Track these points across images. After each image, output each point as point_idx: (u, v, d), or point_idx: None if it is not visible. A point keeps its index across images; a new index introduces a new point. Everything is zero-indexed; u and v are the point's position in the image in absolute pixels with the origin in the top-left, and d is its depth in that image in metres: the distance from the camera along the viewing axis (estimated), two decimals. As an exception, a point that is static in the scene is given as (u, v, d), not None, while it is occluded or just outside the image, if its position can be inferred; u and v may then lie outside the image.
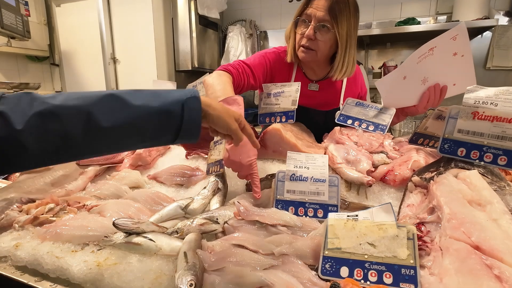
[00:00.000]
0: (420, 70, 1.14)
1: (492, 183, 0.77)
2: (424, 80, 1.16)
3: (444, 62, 1.10)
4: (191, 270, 0.62)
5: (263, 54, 1.45)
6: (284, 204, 0.91)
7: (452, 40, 1.04)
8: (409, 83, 1.18)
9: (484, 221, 0.65)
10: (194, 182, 1.16)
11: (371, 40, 3.17)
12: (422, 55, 1.10)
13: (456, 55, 1.08)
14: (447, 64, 1.10)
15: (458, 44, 1.05)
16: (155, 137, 0.65)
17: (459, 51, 1.07)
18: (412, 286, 0.60)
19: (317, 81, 1.48)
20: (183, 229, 0.80)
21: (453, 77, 1.14)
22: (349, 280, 0.62)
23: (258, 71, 1.38)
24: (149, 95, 0.63)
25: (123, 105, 0.60)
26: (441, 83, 1.17)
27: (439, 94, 1.17)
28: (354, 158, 1.06)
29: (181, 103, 0.64)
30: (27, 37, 2.78)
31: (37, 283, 0.72)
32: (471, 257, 0.58)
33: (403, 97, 1.23)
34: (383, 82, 1.24)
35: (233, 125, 0.75)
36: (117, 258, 0.73)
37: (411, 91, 1.20)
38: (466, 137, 0.83)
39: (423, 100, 1.19)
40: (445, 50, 1.07)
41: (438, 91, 1.17)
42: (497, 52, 2.92)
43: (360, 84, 1.60)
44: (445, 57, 1.08)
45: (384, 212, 0.72)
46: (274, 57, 1.45)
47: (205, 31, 3.43)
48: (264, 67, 1.42)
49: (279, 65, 1.46)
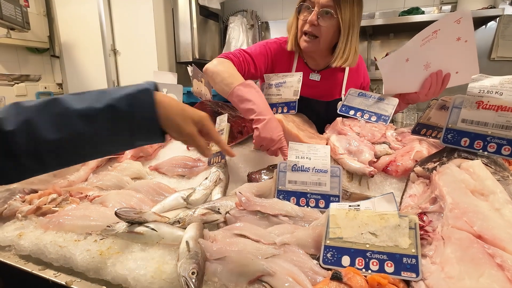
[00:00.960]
0: (423, 54, 1.12)
1: (496, 173, 0.76)
2: (427, 65, 1.14)
3: (448, 46, 1.08)
4: (193, 258, 0.62)
5: (264, 43, 1.44)
6: (286, 194, 0.91)
7: (456, 23, 1.02)
8: (411, 67, 1.16)
9: (487, 211, 0.64)
10: (195, 173, 1.16)
11: (374, 30, 3.13)
12: (426, 37, 1.08)
13: (459, 40, 1.05)
14: (451, 49, 1.08)
15: (462, 28, 1.03)
16: (109, 141, 0.59)
17: (462, 36, 1.05)
18: (413, 274, 0.60)
19: (318, 71, 1.46)
20: (185, 219, 0.80)
21: (456, 64, 1.12)
22: (350, 269, 0.62)
23: (259, 60, 1.37)
24: (94, 96, 0.58)
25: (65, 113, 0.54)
26: (443, 70, 1.15)
27: (441, 82, 1.15)
28: (356, 149, 1.05)
29: (129, 98, 0.58)
30: (27, 29, 2.75)
31: (41, 272, 0.73)
32: (473, 246, 0.57)
33: (405, 82, 1.22)
34: (386, 62, 1.21)
35: (187, 129, 0.64)
36: (120, 247, 0.73)
37: (413, 76, 1.19)
38: (470, 127, 0.82)
39: (425, 86, 1.17)
40: (449, 33, 1.05)
41: (441, 79, 1.15)
42: (502, 43, 2.87)
43: (363, 74, 1.59)
44: (449, 41, 1.06)
45: (386, 202, 0.71)
46: (275, 47, 1.44)
47: (206, 22, 3.39)
48: (265, 56, 1.40)
49: (280, 55, 1.44)
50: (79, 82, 3.42)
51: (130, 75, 3.24)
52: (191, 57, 3.24)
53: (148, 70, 3.06)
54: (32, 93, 3.23)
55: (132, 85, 0.61)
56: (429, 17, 2.72)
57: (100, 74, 3.21)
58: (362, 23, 3.12)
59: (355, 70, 1.52)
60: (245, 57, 1.33)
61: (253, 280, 0.62)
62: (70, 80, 3.47)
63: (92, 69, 3.31)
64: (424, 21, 2.71)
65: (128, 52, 3.19)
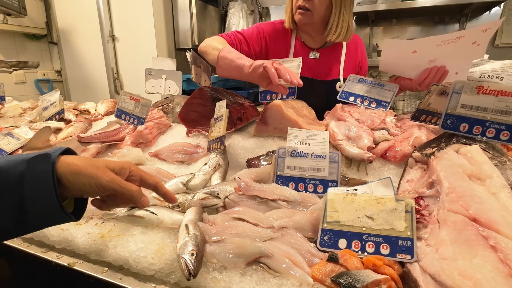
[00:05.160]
0: (434, 51, 1.10)
1: (493, 158, 0.76)
2: (432, 60, 1.13)
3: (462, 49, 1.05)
4: (193, 240, 0.63)
5: (257, 25, 1.51)
6: (285, 180, 0.92)
7: (482, 32, 0.99)
8: (416, 58, 1.15)
9: (483, 195, 0.65)
10: (195, 159, 1.16)
11: (376, 16, 3.07)
12: (446, 40, 1.05)
13: (474, 43, 1.03)
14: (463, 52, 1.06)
15: (484, 36, 1.01)
16: None
17: (478, 41, 1.02)
18: (408, 256, 0.61)
19: (317, 49, 1.50)
20: (184, 203, 0.81)
21: (460, 65, 1.11)
22: (346, 251, 0.63)
23: (251, 39, 1.44)
24: None
25: None
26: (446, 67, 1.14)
27: (439, 77, 1.16)
28: (355, 135, 1.05)
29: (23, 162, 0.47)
30: (23, 14, 2.71)
31: (44, 254, 0.74)
32: (468, 229, 0.58)
33: (403, 67, 1.21)
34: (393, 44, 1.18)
35: (104, 177, 0.52)
36: (121, 230, 0.75)
37: (415, 65, 1.17)
38: (469, 112, 0.82)
39: (422, 76, 1.18)
40: (470, 39, 1.03)
41: (440, 74, 1.16)
42: (507, 29, 2.82)
43: (361, 53, 1.61)
44: (466, 46, 1.04)
45: (384, 186, 0.72)
46: (268, 27, 1.50)
47: (205, 7, 3.32)
48: (258, 36, 1.47)
49: (275, 34, 1.49)
50: (78, 69, 3.39)
51: (129, 62, 3.21)
52: (190, 43, 3.19)
53: (147, 56, 3.03)
54: (31, 80, 3.22)
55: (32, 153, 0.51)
56: (433, 1, 2.65)
57: (98, 60, 3.18)
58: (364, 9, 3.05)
59: (353, 49, 1.56)
60: (237, 36, 1.41)
61: (251, 262, 0.63)
62: (68, 67, 3.44)
63: (90, 56, 3.28)
64: (428, 6, 2.66)
65: (127, 38, 3.15)
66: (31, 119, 1.74)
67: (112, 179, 0.53)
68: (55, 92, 1.72)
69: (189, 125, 1.34)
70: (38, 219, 0.49)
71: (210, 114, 1.24)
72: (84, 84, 3.43)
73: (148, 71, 1.62)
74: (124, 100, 1.37)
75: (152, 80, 1.62)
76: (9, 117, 1.80)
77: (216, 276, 0.61)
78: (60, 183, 0.50)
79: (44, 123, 1.60)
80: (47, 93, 1.74)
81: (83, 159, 0.53)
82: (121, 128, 1.38)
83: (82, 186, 0.51)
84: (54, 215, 0.49)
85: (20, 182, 0.46)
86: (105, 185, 0.52)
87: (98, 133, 1.32)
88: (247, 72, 1.01)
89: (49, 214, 0.49)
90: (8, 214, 0.46)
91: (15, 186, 0.46)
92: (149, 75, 1.61)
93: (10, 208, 0.46)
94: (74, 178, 0.50)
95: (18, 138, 1.35)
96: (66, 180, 0.50)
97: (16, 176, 0.46)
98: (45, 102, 1.71)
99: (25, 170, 0.47)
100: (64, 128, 1.51)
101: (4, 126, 1.60)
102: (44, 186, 0.47)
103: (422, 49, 1.12)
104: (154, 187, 0.60)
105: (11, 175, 0.46)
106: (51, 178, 0.47)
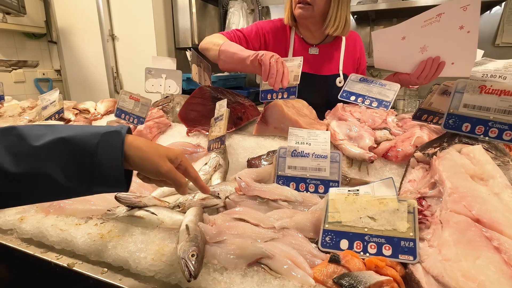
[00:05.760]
0: (422, 36, 1.10)
1: (496, 158, 0.76)
2: (424, 48, 1.13)
3: (449, 33, 1.06)
4: (193, 241, 0.63)
5: (256, 22, 1.55)
6: (285, 180, 0.92)
7: (462, 9, 0.99)
8: (406, 46, 1.15)
9: (486, 195, 0.64)
10: (195, 159, 1.16)
11: (377, 15, 3.06)
12: (428, 19, 1.06)
13: (462, 29, 1.03)
14: (451, 37, 1.06)
15: (467, 16, 1.01)
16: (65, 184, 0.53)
17: (466, 25, 1.02)
18: (410, 257, 0.61)
19: (316, 45, 1.52)
20: (184, 203, 0.81)
21: (454, 54, 1.11)
22: (348, 252, 0.63)
23: (250, 36, 1.47)
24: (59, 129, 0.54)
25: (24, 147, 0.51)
26: (440, 57, 1.14)
27: (436, 69, 1.16)
28: (356, 135, 1.05)
29: (96, 139, 0.54)
30: (23, 13, 2.70)
31: (43, 254, 0.74)
32: (471, 229, 0.58)
33: (397, 60, 1.21)
34: (380, 34, 1.20)
35: (164, 167, 0.59)
36: (120, 231, 0.74)
37: (407, 56, 1.18)
38: (471, 112, 0.81)
39: (418, 69, 1.18)
40: (453, 19, 1.03)
41: (436, 64, 1.16)
42: (508, 28, 2.81)
43: (359, 49, 1.63)
44: (451, 28, 1.04)
45: (385, 186, 0.71)
46: (267, 24, 1.52)
47: (205, 6, 3.31)
48: (257, 33, 1.49)
49: (274, 31, 1.51)
50: (78, 68, 3.38)
51: (129, 61, 3.20)
52: (190, 42, 3.18)
53: (147, 56, 3.02)
54: (30, 79, 3.21)
55: (103, 126, 0.58)
56: (433, 1, 2.64)
57: (98, 60, 3.17)
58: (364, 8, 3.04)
59: (352, 45, 1.58)
60: (236, 33, 1.44)
61: (252, 263, 0.63)
62: (68, 66, 3.43)
63: (90, 55, 3.27)
64: (428, 5, 2.64)
65: (127, 37, 3.14)
66: (31, 118, 1.73)
67: (169, 169, 0.60)
68: (54, 91, 1.71)
69: (189, 124, 1.33)
70: (102, 186, 0.56)
71: (210, 114, 1.23)
72: (83, 83, 3.42)
73: (148, 70, 1.61)
74: (123, 100, 1.36)
75: (152, 79, 1.61)
76: (8, 116, 1.79)
77: (217, 277, 0.61)
78: (124, 159, 0.56)
79: (43, 122, 1.59)
80: (47, 92, 1.73)
81: (148, 144, 0.60)
82: (120, 127, 1.37)
83: (144, 168, 0.59)
84: (116, 184, 0.56)
85: (95, 152, 0.53)
86: (163, 173, 0.60)
87: (97, 133, 1.31)
88: (248, 63, 1.09)
89: (112, 183, 0.56)
90: (82, 178, 0.54)
91: (91, 156, 0.53)
92: (149, 74, 1.61)
93: (85, 173, 0.54)
94: (140, 162, 0.58)
95: (17, 138, 1.34)
96: (132, 161, 0.57)
97: (93, 147, 0.53)
98: (44, 101, 1.70)
99: (99, 143, 0.54)
100: (64, 127, 1.50)
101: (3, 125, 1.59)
102: (113, 159, 0.54)
103: (409, 34, 1.12)
104: (194, 179, 0.67)
105: (89, 145, 0.53)
106: (120, 153, 0.55)
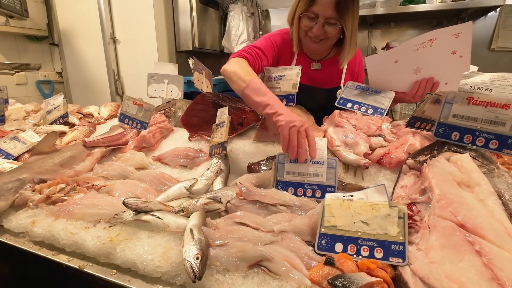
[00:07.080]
0: (414, 58, 1.15)
1: (482, 166, 0.80)
2: (417, 70, 1.17)
3: (441, 57, 1.10)
4: (197, 244, 0.67)
5: (268, 36, 1.50)
6: (284, 185, 0.96)
7: (454, 37, 1.03)
8: (400, 69, 1.19)
9: (471, 202, 0.69)
10: (197, 164, 1.20)
11: (375, 19, 3.11)
12: (420, 43, 1.10)
13: (455, 53, 1.07)
14: (444, 61, 1.10)
15: (459, 43, 1.05)
16: None
17: (458, 50, 1.06)
18: (400, 260, 0.65)
19: (319, 61, 1.54)
20: (188, 208, 0.85)
21: (447, 76, 1.15)
22: (342, 255, 0.67)
23: (268, 53, 1.45)
24: None
25: None
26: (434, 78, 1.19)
27: (430, 88, 1.20)
28: (352, 141, 1.09)
29: None
30: (25, 16, 2.73)
31: (55, 256, 0.78)
32: (456, 234, 0.62)
33: (392, 81, 1.25)
34: (373, 59, 1.25)
35: None
36: (128, 234, 0.78)
37: (401, 78, 1.22)
38: (460, 122, 0.86)
39: (413, 88, 1.23)
40: (445, 45, 1.07)
41: (430, 84, 1.20)
42: (503, 33, 2.86)
43: (358, 64, 1.66)
44: (443, 53, 1.08)
45: (378, 193, 0.76)
46: (279, 39, 1.51)
47: (206, 10, 3.36)
48: (272, 48, 1.48)
49: (284, 47, 1.51)
50: (79, 70, 3.42)
51: (130, 64, 3.24)
52: (191, 45, 3.23)
53: (148, 58, 3.06)
54: (32, 81, 3.24)
55: None
56: (430, 6, 2.70)
57: (100, 62, 3.21)
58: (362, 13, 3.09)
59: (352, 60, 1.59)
60: (256, 52, 1.39)
61: (252, 265, 0.67)
62: (69, 69, 3.47)
63: (92, 57, 3.30)
64: (426, 10, 2.70)
65: (128, 40, 3.18)
66: (35, 122, 1.77)
67: None
68: (59, 96, 1.75)
69: (191, 130, 1.37)
70: None
71: (211, 120, 1.27)
72: (85, 86, 3.46)
73: (151, 76, 1.65)
74: (127, 105, 1.40)
75: (154, 85, 1.65)
76: (13, 120, 1.83)
77: (220, 278, 0.65)
78: None
79: (48, 126, 1.63)
80: (51, 97, 1.77)
81: None
82: (124, 132, 1.41)
83: None
84: None
85: None
86: None
87: (102, 138, 1.35)
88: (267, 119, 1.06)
89: None
90: None
91: None
92: (152, 80, 1.65)
93: None
94: None
95: (24, 142, 1.38)
96: None
97: None
98: (49, 105, 1.74)
99: None
100: (69, 132, 1.55)
101: (9, 129, 1.63)
102: None
103: (401, 57, 1.17)
104: None
105: None
106: None
